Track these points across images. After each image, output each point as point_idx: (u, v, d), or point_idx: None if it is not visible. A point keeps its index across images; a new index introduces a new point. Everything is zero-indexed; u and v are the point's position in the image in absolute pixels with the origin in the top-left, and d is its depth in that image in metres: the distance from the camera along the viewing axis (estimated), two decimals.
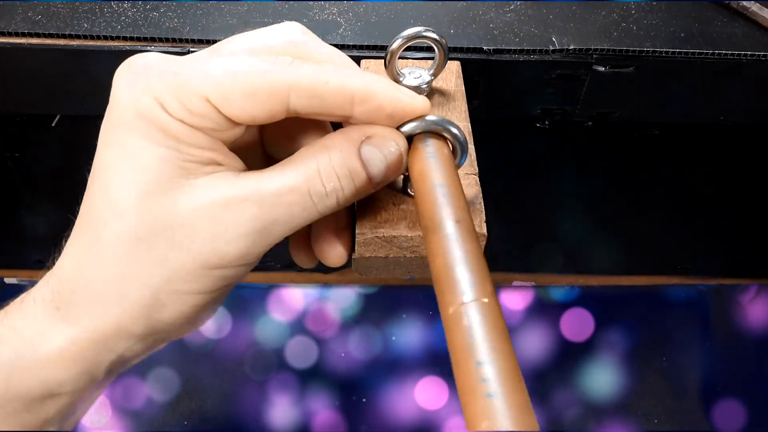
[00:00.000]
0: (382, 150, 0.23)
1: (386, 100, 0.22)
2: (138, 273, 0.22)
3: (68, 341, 0.22)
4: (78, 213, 0.23)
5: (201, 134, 0.22)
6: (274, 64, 0.21)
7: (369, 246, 0.25)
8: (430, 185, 0.22)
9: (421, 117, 0.23)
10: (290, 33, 0.24)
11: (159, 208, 0.21)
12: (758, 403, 0.76)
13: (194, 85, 0.21)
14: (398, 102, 0.22)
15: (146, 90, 0.21)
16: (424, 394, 0.77)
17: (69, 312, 0.23)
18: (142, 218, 0.21)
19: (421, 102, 0.23)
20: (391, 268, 0.26)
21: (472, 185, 0.26)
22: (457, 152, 0.24)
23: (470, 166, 0.27)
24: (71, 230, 0.23)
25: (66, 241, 0.23)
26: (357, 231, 0.24)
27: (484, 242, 0.25)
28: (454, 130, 0.23)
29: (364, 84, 0.22)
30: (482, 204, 0.25)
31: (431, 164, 0.22)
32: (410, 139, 0.24)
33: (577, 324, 0.79)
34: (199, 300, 0.23)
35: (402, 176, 0.25)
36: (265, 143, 0.27)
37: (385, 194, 0.26)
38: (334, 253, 0.26)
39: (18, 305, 0.23)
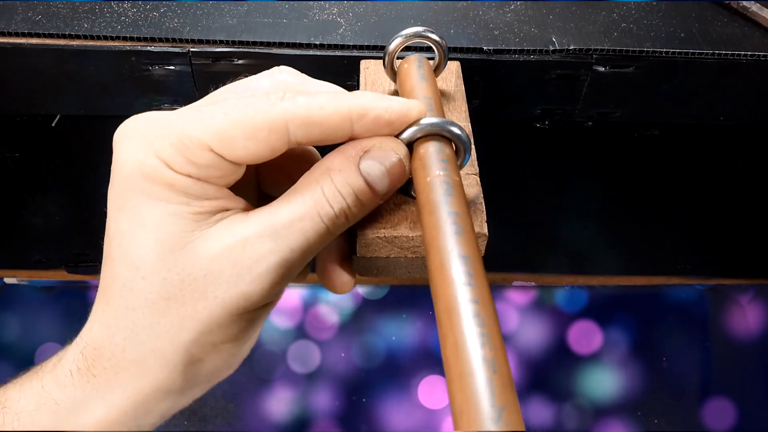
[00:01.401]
0: (382, 161, 0.23)
1: (382, 110, 0.23)
2: (170, 332, 0.22)
3: (111, 407, 0.23)
4: (100, 279, 0.24)
5: (208, 185, 0.22)
6: (267, 100, 0.22)
7: (370, 246, 0.25)
8: (431, 186, 0.22)
9: (417, 121, 0.23)
10: (281, 75, 0.25)
11: (179, 264, 0.22)
12: (756, 403, 0.76)
13: (195, 137, 0.21)
14: (391, 109, 0.23)
15: (149, 150, 0.21)
16: (425, 393, 0.77)
17: (108, 378, 0.23)
18: (164, 278, 0.22)
19: (414, 105, 0.23)
20: (392, 268, 0.26)
21: (472, 185, 0.26)
22: (460, 152, 0.24)
23: (471, 166, 0.27)
24: (96, 297, 0.24)
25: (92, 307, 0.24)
26: (358, 232, 0.24)
27: (485, 242, 0.25)
28: (455, 130, 0.23)
29: (356, 101, 0.22)
30: (483, 204, 0.25)
31: (432, 166, 0.22)
32: (413, 143, 0.24)
33: (576, 323, 0.79)
34: (232, 348, 0.24)
35: None
36: (260, 181, 0.28)
37: None
38: (340, 281, 0.26)
39: (51, 375, 0.24)
